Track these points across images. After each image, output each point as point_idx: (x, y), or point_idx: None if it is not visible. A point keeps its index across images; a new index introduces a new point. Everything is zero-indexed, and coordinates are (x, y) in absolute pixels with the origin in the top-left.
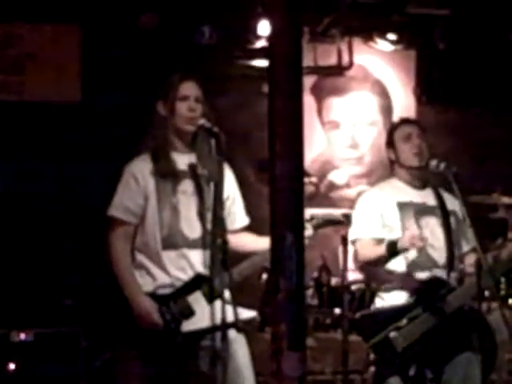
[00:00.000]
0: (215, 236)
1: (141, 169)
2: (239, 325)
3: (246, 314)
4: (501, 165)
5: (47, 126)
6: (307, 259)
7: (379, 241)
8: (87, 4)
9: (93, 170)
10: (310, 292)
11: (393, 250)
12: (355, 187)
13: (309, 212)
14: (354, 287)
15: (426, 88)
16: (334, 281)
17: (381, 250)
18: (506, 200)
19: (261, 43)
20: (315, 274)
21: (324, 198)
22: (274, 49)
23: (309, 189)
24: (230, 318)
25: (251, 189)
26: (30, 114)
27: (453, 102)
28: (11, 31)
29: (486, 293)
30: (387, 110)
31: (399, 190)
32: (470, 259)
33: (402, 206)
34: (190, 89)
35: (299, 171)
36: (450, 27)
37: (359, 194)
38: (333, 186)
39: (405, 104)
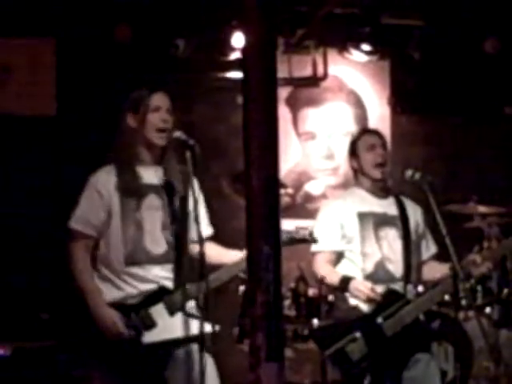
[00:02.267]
0: (181, 249)
1: (105, 182)
2: (205, 341)
3: (210, 327)
4: (476, 174)
5: (22, 139)
6: (284, 270)
7: (338, 254)
8: (61, 17)
9: (69, 184)
10: (287, 303)
11: (344, 286)
12: (331, 198)
13: (284, 224)
14: (331, 297)
15: (400, 98)
16: (311, 291)
17: (336, 278)
18: (481, 209)
19: (235, 55)
20: (292, 285)
21: (300, 208)
22: (249, 60)
23: (285, 200)
24: (195, 330)
25: (227, 200)
26: (4, 127)
27: (428, 112)
28: None
29: (463, 302)
30: (362, 120)
31: (361, 200)
32: (430, 267)
33: (362, 217)
34: (161, 100)
35: (275, 182)
36: (424, 37)
37: (321, 206)
38: (309, 197)
39: (380, 114)
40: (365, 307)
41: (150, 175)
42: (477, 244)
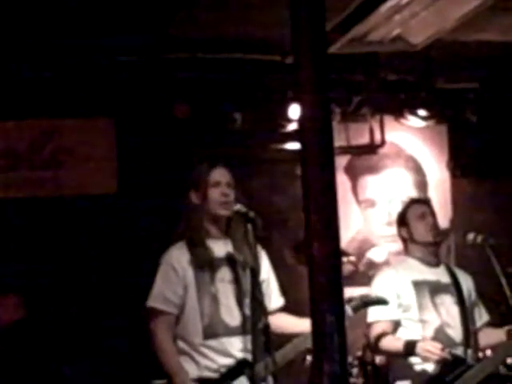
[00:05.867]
0: (256, 321)
1: (178, 259)
2: None
3: None
4: None
5: (84, 218)
6: (351, 338)
7: (395, 323)
8: (120, 97)
9: (131, 261)
10: (354, 371)
11: (410, 350)
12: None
13: (348, 292)
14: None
15: (459, 162)
16: (378, 359)
17: (398, 345)
18: None
19: (292, 126)
20: (359, 353)
21: (363, 276)
22: (305, 131)
23: (348, 268)
24: None
25: (290, 270)
26: (67, 207)
27: (487, 175)
28: (47, 127)
29: None
30: (422, 185)
31: (413, 269)
32: (484, 334)
33: (417, 285)
34: (221, 175)
35: (336, 251)
36: (480, 100)
37: (374, 275)
38: (372, 264)
39: (439, 178)
40: (430, 370)
41: (220, 248)
42: None
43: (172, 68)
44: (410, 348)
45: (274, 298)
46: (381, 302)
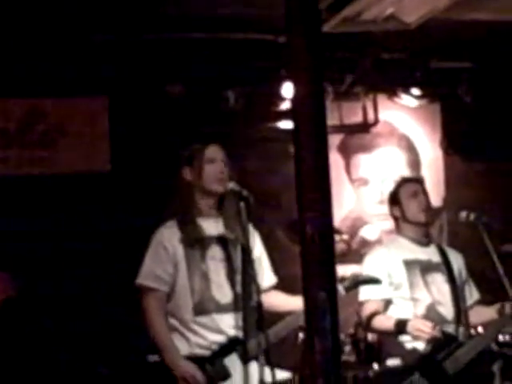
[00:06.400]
0: (247, 298)
1: (169, 237)
2: None
3: (281, 375)
4: None
5: (77, 197)
6: (343, 317)
7: (387, 301)
8: (113, 75)
9: (124, 240)
10: (347, 348)
11: (401, 329)
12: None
13: (341, 269)
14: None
15: (452, 140)
16: (370, 337)
17: (389, 324)
18: None
19: (286, 105)
20: (352, 331)
21: (356, 254)
22: (298, 110)
23: (340, 246)
24: (266, 379)
25: (283, 249)
26: (60, 186)
27: (480, 153)
28: (39, 105)
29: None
30: (415, 164)
31: (405, 248)
32: (475, 312)
33: (408, 264)
34: (215, 152)
35: (329, 229)
36: (474, 79)
37: (365, 254)
38: (365, 243)
39: (432, 157)
40: (421, 349)
41: (211, 226)
42: None
43: (165, 47)
44: (401, 326)
45: (266, 276)
46: (373, 281)
